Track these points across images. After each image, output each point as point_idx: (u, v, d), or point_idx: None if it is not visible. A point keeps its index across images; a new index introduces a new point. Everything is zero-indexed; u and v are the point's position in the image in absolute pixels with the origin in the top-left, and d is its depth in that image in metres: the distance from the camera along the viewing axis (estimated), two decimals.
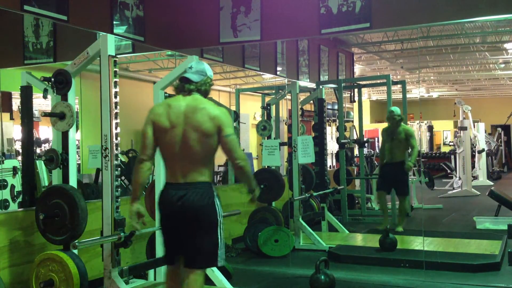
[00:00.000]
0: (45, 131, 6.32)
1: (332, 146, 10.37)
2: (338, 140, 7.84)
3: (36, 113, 4.86)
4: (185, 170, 2.77)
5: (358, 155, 9.06)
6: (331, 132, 10.87)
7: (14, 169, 4.88)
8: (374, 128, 16.45)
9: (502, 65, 13.56)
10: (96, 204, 4.02)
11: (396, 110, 6.48)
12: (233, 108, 7.46)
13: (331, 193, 6.67)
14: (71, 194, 3.33)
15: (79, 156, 5.67)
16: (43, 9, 4.39)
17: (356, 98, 9.23)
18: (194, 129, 2.75)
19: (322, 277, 4.11)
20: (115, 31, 5.13)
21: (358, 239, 6.34)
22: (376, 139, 15.82)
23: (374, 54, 12.00)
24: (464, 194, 11.14)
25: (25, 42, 4.94)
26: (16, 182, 4.85)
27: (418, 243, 5.49)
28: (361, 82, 9.59)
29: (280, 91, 6.89)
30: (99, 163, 3.59)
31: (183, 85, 2.88)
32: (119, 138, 3.42)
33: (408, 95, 8.39)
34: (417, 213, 8.36)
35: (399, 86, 11.65)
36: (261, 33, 5.50)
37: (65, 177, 3.54)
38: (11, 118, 5.35)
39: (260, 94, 7.81)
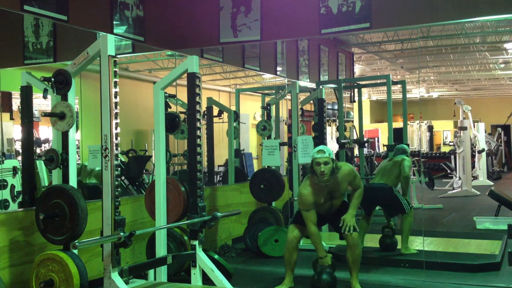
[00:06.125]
0: (45, 131, 6.32)
1: (332, 146, 10.37)
2: (338, 140, 7.83)
3: (36, 113, 4.86)
4: None
5: (358, 155, 9.06)
6: (331, 132, 10.88)
7: (14, 169, 4.88)
8: (374, 128, 16.49)
9: (502, 65, 13.58)
10: (96, 204, 4.02)
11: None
12: (233, 108, 7.46)
13: None
14: (71, 194, 3.32)
15: (79, 156, 5.67)
16: (43, 9, 4.39)
17: (356, 98, 9.23)
18: None
19: (324, 276, 4.11)
20: (115, 31, 5.13)
21: None
22: (376, 139, 15.85)
23: (374, 54, 12.01)
24: (464, 194, 11.15)
25: (25, 42, 4.94)
26: (16, 182, 4.85)
27: (418, 243, 5.49)
28: (361, 82, 9.58)
29: (280, 91, 6.89)
30: (99, 163, 3.59)
31: None
32: (119, 138, 3.42)
33: (408, 95, 8.39)
34: (417, 213, 8.36)
35: (399, 86, 11.68)
36: (261, 33, 5.50)
37: (65, 177, 3.54)
38: (11, 118, 5.34)
39: (260, 94, 7.81)
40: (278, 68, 7.83)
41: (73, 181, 3.53)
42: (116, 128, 3.39)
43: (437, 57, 12.66)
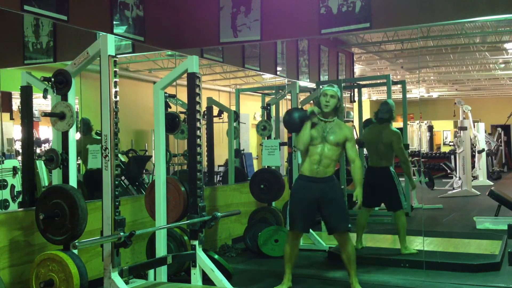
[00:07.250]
0: (45, 131, 6.33)
1: None
2: None
3: (36, 113, 4.86)
4: None
5: None
6: None
7: (14, 169, 4.88)
8: None
9: (502, 65, 13.57)
10: (96, 204, 4.02)
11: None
12: (233, 108, 7.46)
13: None
14: (71, 194, 3.32)
15: (79, 157, 5.67)
16: (43, 9, 4.39)
17: (356, 98, 9.24)
18: None
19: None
20: (115, 31, 5.13)
21: None
22: None
23: (374, 54, 12.01)
24: (464, 194, 11.15)
25: (25, 42, 4.94)
26: (16, 182, 4.85)
27: (418, 243, 5.49)
28: (361, 82, 9.59)
29: (280, 91, 6.89)
30: (99, 163, 3.59)
31: None
32: (119, 138, 3.42)
33: (408, 95, 8.39)
34: (417, 213, 8.37)
35: (399, 86, 11.68)
36: (261, 33, 5.50)
37: (65, 177, 3.54)
38: (11, 118, 5.35)
39: (260, 94, 7.82)
40: (278, 68, 7.83)
41: (73, 181, 3.53)
42: (116, 128, 3.39)
43: (437, 57, 12.65)
